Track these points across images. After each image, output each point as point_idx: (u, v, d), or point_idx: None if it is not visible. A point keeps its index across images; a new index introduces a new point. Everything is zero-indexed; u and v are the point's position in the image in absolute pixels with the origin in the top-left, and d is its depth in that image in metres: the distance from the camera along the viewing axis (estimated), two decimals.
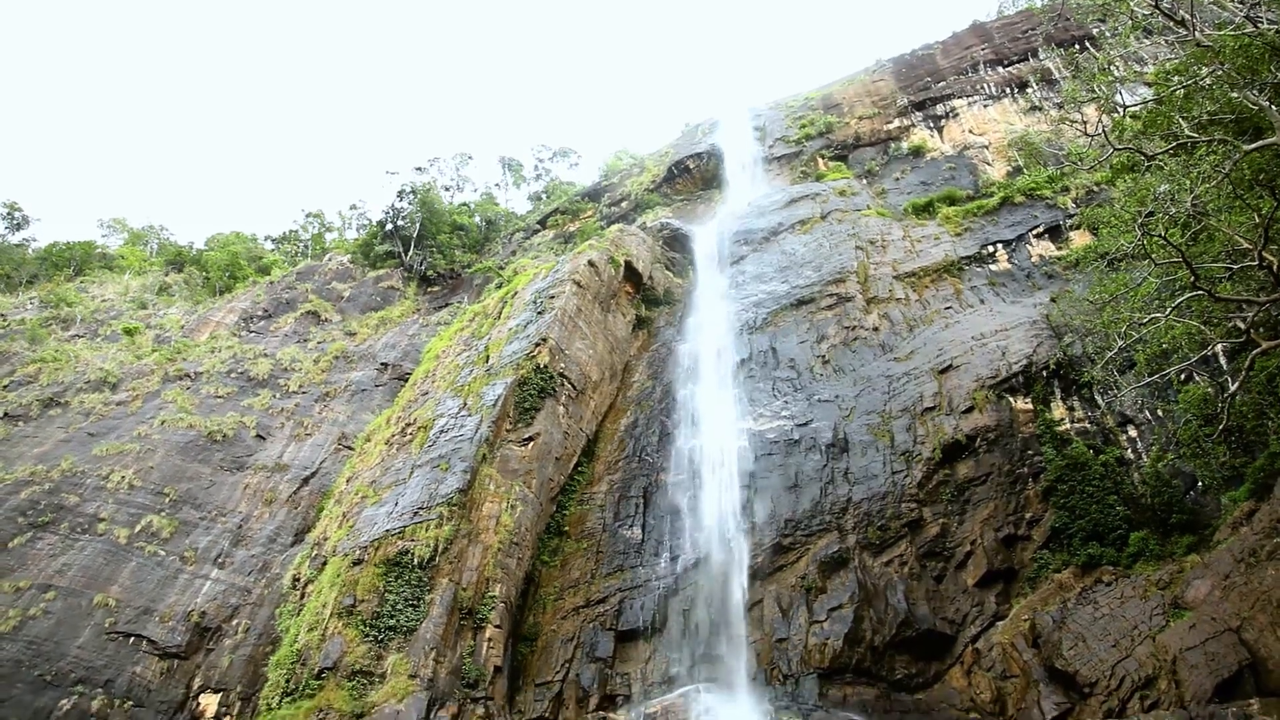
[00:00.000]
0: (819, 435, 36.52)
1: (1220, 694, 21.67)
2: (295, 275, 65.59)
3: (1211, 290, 22.55)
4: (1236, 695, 21.31)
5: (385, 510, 31.80)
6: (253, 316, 56.18)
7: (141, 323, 54.64)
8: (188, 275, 73.62)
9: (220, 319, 55.59)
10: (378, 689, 25.72)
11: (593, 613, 32.34)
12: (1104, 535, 29.94)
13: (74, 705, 28.18)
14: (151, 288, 69.03)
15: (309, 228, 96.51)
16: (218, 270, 73.55)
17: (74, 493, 34.99)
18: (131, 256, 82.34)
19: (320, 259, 74.01)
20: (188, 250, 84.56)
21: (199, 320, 55.63)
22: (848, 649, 29.38)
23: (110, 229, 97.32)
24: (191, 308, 60.95)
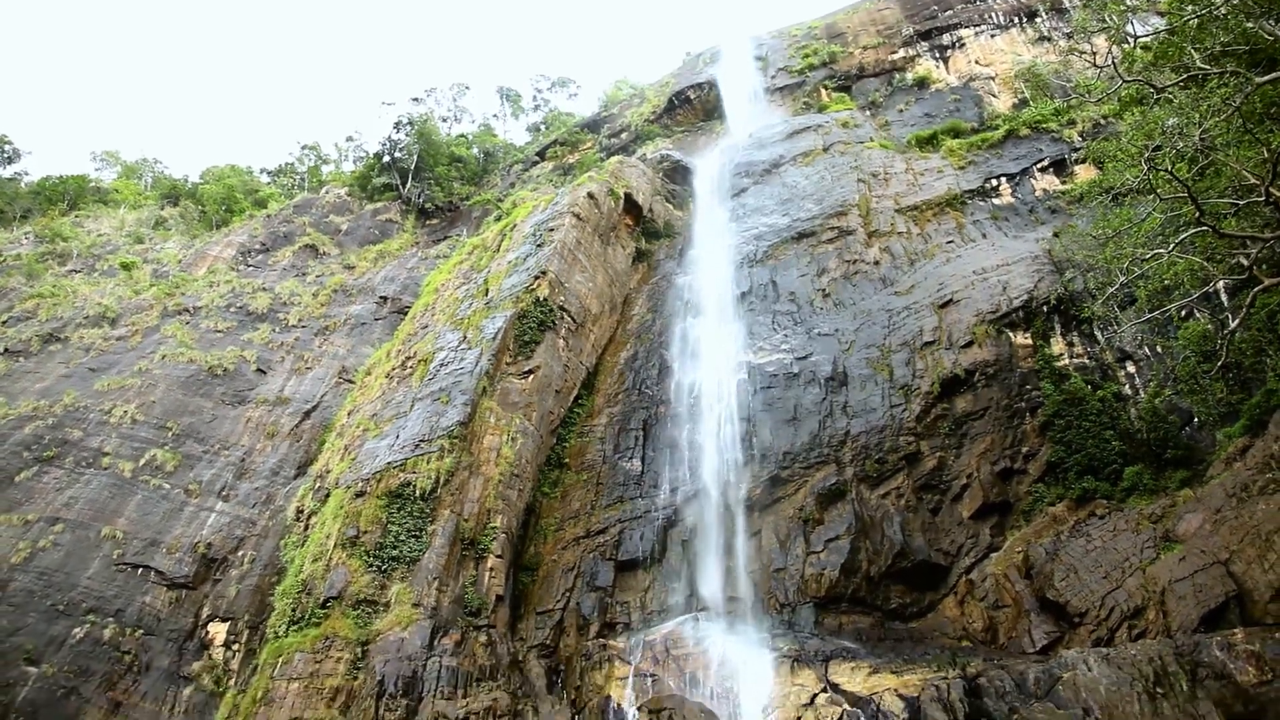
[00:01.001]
0: (818, 369, 36.58)
1: (1206, 624, 22.10)
2: (292, 208, 65.04)
3: (1216, 226, 22.36)
4: (1221, 625, 21.75)
5: (386, 443, 32.02)
6: (250, 250, 55.86)
7: (138, 257, 54.34)
8: (183, 209, 72.98)
9: (218, 253, 55.28)
10: (382, 617, 26.20)
11: (593, 543, 32.77)
12: (1099, 470, 30.20)
13: (86, 634, 28.77)
14: (147, 222, 68.50)
15: (305, 160, 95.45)
16: (214, 204, 72.89)
17: (77, 427, 35.19)
18: (126, 190, 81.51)
19: (317, 192, 73.34)
20: (183, 184, 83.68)
21: (196, 254, 55.31)
22: (844, 579, 29.86)
23: (103, 162, 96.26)
24: (188, 242, 60.57)
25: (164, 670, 28.98)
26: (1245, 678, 19.35)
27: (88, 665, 27.99)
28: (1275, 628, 20.42)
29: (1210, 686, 19.58)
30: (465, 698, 24.27)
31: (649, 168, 57.44)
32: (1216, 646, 20.08)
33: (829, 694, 24.39)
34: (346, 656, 24.80)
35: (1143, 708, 19.96)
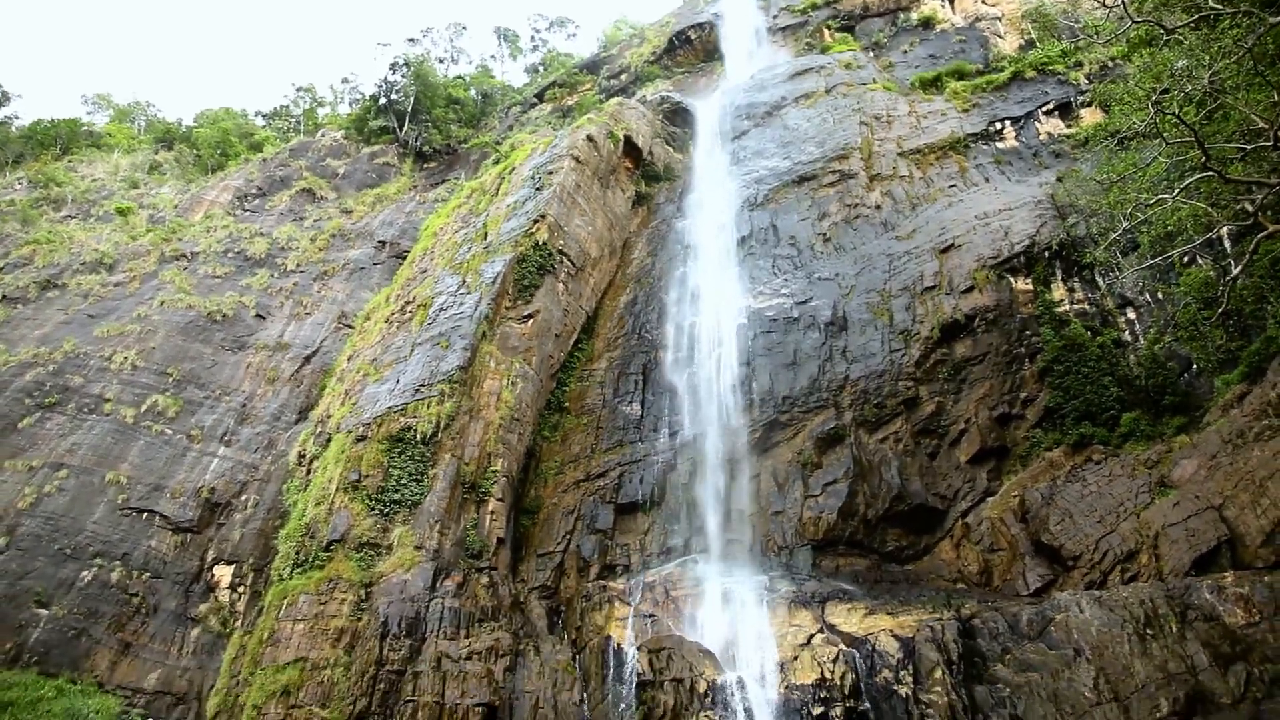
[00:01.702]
0: (818, 313, 36.54)
1: (1197, 567, 22.45)
2: (288, 152, 64.39)
3: (1222, 172, 22.15)
4: (1212, 569, 22.09)
5: (387, 388, 32.11)
6: (247, 195, 55.44)
7: (134, 202, 53.91)
8: (178, 153, 72.21)
9: (214, 198, 54.87)
10: (385, 560, 26.53)
11: (593, 486, 33.04)
12: (1096, 415, 30.34)
13: (94, 577, 29.18)
14: (142, 166, 67.83)
15: (300, 103, 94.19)
16: (209, 148, 72.13)
17: (78, 374, 35.26)
18: (119, 134, 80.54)
19: (313, 135, 72.50)
20: (177, 127, 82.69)
21: (193, 199, 54.89)
22: (841, 522, 30.18)
23: (95, 105, 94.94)
24: (184, 186, 60.05)
25: (171, 612, 29.44)
26: (1233, 619, 19.71)
27: (97, 607, 28.44)
28: (1265, 571, 20.75)
29: (1199, 628, 19.95)
30: (468, 638, 24.68)
31: (649, 110, 56.73)
32: (1207, 589, 20.42)
33: (825, 634, 24.81)
34: (350, 598, 25.17)
35: (1132, 648, 20.35)
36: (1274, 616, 19.28)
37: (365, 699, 22.43)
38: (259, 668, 23.94)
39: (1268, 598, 19.54)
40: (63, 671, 26.38)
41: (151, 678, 27.66)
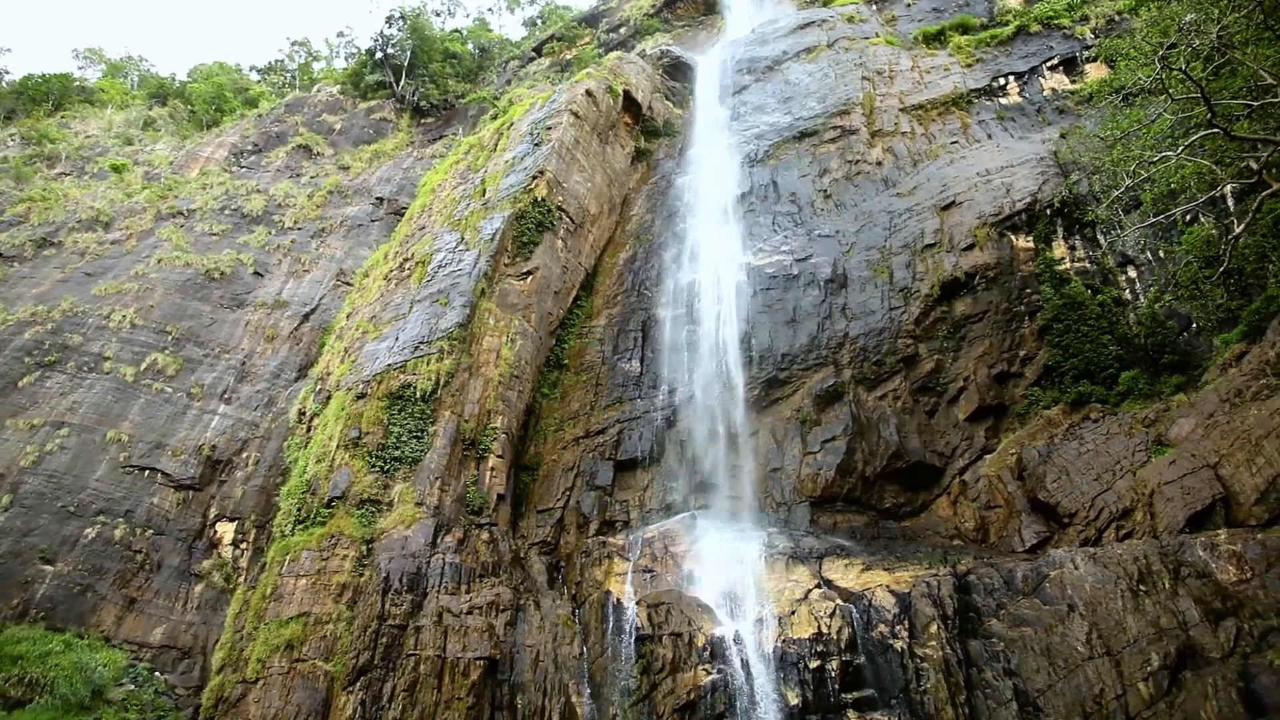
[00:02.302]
0: (818, 270, 36.44)
1: (1191, 525, 22.62)
2: (284, 107, 63.68)
3: (1228, 129, 21.97)
4: (1206, 526, 22.27)
5: (386, 345, 32.10)
6: (243, 151, 54.95)
7: (129, 159, 53.43)
8: (172, 109, 71.38)
9: (210, 154, 54.39)
10: (386, 516, 26.71)
11: (592, 443, 33.15)
12: (1095, 374, 30.39)
13: (98, 534, 29.41)
14: (136, 122, 67.09)
15: (295, 57, 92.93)
16: (203, 103, 71.30)
17: (77, 332, 35.20)
18: (112, 90, 79.54)
19: (309, 90, 71.66)
20: (170, 82, 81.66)
21: (188, 156, 54.41)
22: (839, 479, 30.37)
23: (86, 60, 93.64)
24: (179, 143, 59.49)
25: (175, 568, 29.73)
26: (1225, 576, 19.91)
27: (101, 564, 28.71)
28: (1258, 529, 20.92)
29: (1191, 584, 20.15)
30: (469, 593, 24.93)
31: (648, 64, 56.06)
32: (1200, 547, 20.59)
33: (823, 589, 25.05)
34: (352, 554, 25.40)
35: (1125, 604, 20.58)
36: (1265, 573, 19.48)
37: (368, 652, 22.73)
38: (262, 622, 24.23)
39: (1260, 555, 19.72)
40: (69, 626, 26.70)
41: (157, 632, 28.01)
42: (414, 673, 22.22)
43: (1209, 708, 17.93)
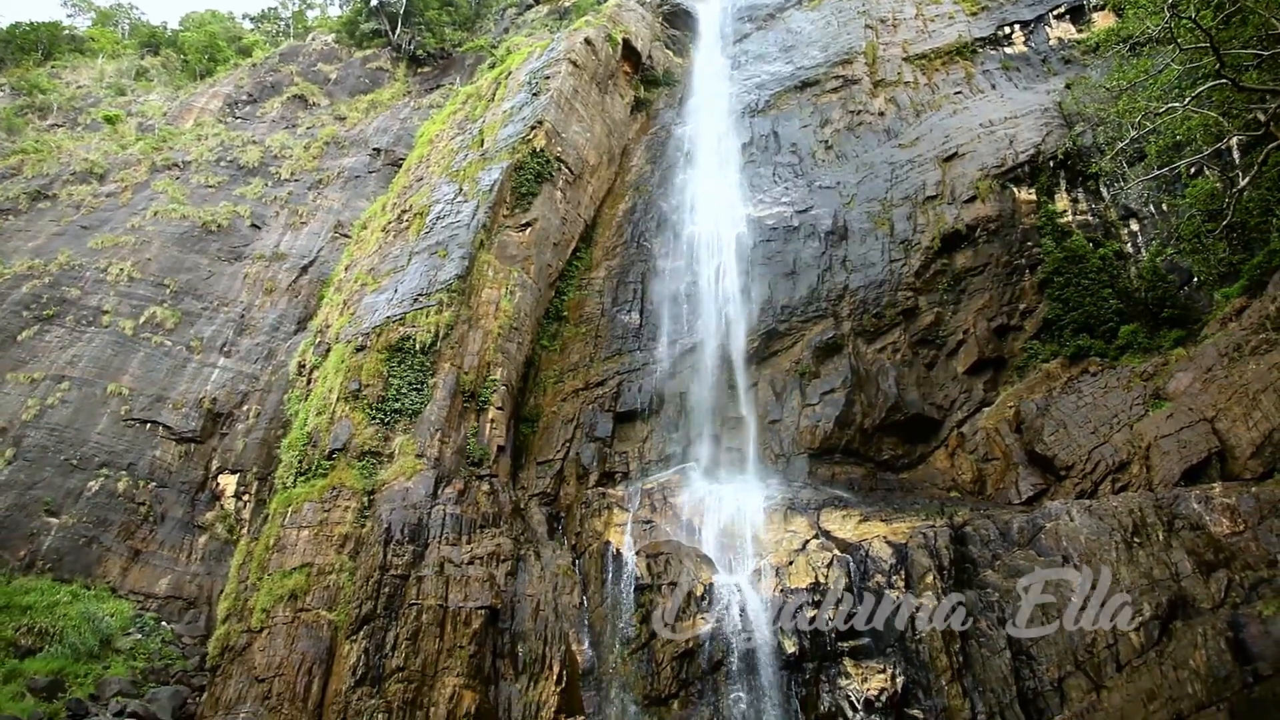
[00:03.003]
0: (819, 222, 36.25)
1: (1187, 478, 22.83)
2: (278, 57, 62.72)
3: (1236, 79, 21.68)
4: (1201, 480, 22.47)
5: (385, 297, 32.01)
6: (237, 101, 54.26)
7: (122, 110, 52.73)
8: (165, 59, 70.25)
9: (204, 104, 53.71)
10: (387, 468, 26.85)
11: (592, 395, 33.21)
12: (1094, 328, 30.39)
13: (101, 486, 29.59)
14: (128, 72, 66.08)
15: (289, 4, 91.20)
16: (196, 53, 70.20)
17: (75, 286, 35.05)
18: (103, 39, 78.24)
19: (303, 39, 70.50)
20: (162, 31, 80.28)
21: (181, 106, 53.72)
22: (838, 431, 30.53)
23: (75, 8, 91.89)
24: (172, 93, 58.68)
25: (179, 520, 29.97)
26: (1218, 529, 20.13)
27: (105, 516, 28.93)
28: (1252, 482, 21.10)
29: (1185, 536, 20.37)
30: (470, 543, 25.15)
31: (648, 11, 55.16)
32: (1194, 499, 20.79)
33: (820, 540, 25.31)
34: (354, 505, 25.57)
35: (1119, 555, 20.81)
36: (1258, 526, 19.69)
37: (370, 602, 23.01)
38: (266, 573, 24.49)
39: (1253, 508, 19.91)
40: (76, 578, 27.00)
41: (162, 583, 28.33)
42: (416, 622, 22.51)
43: (1198, 656, 18.20)
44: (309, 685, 21.70)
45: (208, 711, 22.33)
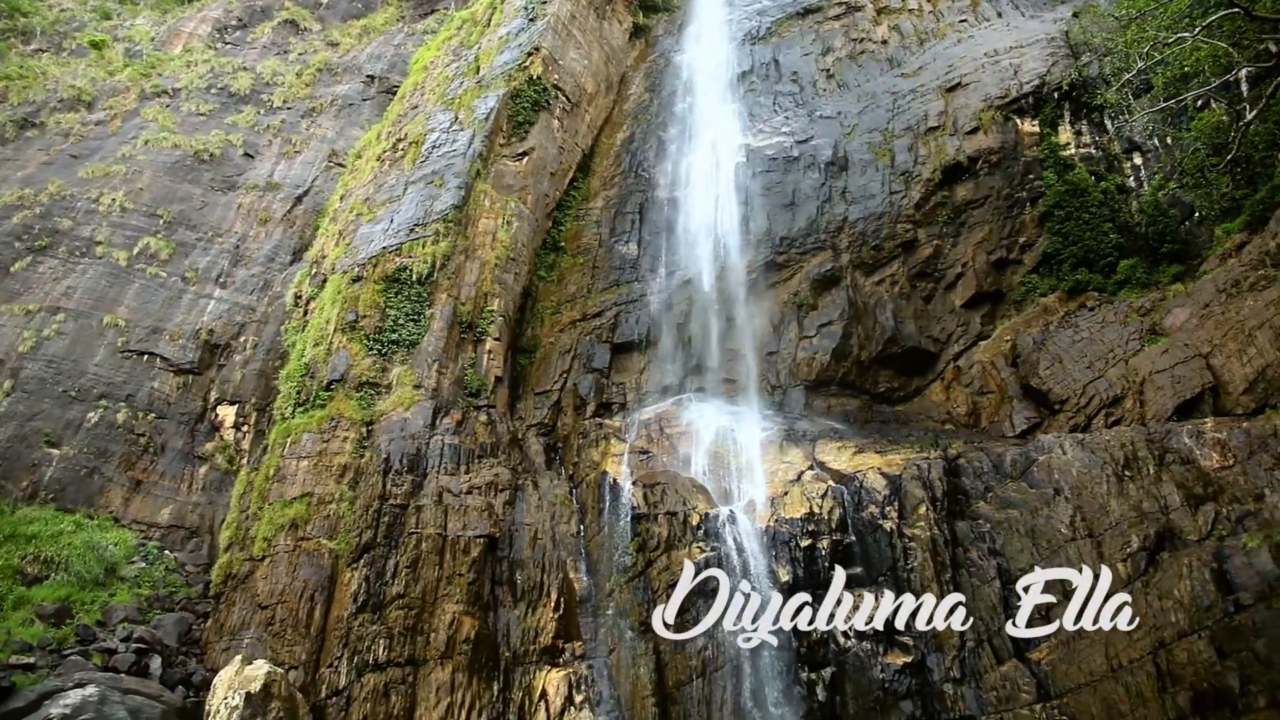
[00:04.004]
0: (819, 153, 35.83)
1: (1179, 413, 23.03)
2: None
3: (1249, 8, 21.20)
4: (1194, 415, 22.67)
5: (381, 228, 31.76)
6: (227, 26, 52.92)
7: (108, 35, 51.35)
8: None
9: (192, 29, 52.38)
10: (385, 399, 26.98)
11: (589, 326, 33.20)
12: (1094, 262, 30.29)
13: (101, 418, 29.65)
14: None
15: None
16: None
17: (66, 216, 34.62)
18: None
19: None
20: None
21: (169, 31, 52.41)
22: (834, 363, 30.66)
23: None
24: (159, 18, 57.12)
25: (179, 451, 30.12)
26: (1208, 463, 20.37)
27: (105, 447, 29.06)
28: (1244, 418, 21.29)
29: (1175, 470, 20.61)
30: (468, 473, 25.39)
31: None
32: (1186, 434, 20.99)
33: (815, 471, 25.62)
34: (352, 436, 25.75)
35: (1110, 488, 21.08)
36: (1247, 460, 19.92)
37: (370, 531, 23.32)
38: (267, 503, 24.78)
39: (1243, 443, 20.13)
40: (78, 508, 27.23)
41: (164, 513, 28.63)
42: (416, 550, 22.85)
43: (1182, 586, 18.58)
44: (311, 612, 22.12)
45: (212, 637, 22.83)
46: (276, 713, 17.05)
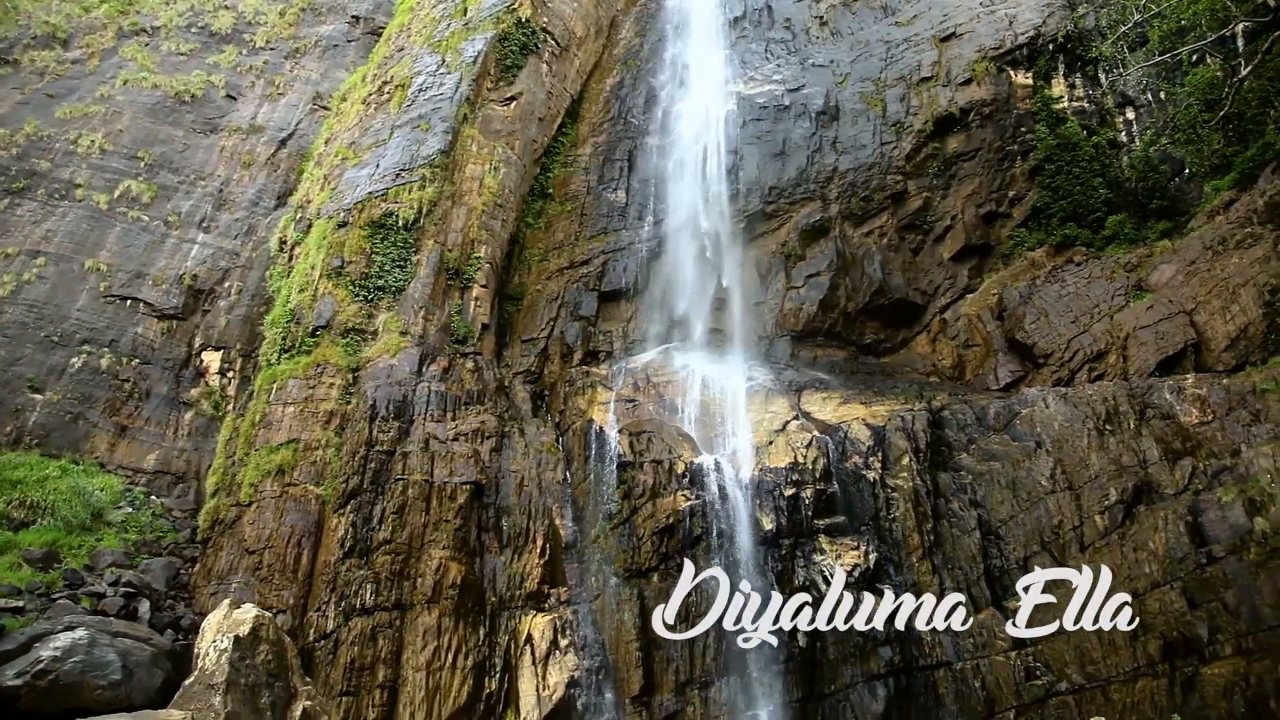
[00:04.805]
0: (810, 102, 35.50)
1: (1161, 369, 23.37)
2: None
3: None
4: (1176, 371, 23.00)
5: (366, 172, 31.38)
6: None
7: None
8: None
9: None
10: (371, 345, 26.90)
11: (576, 274, 33.10)
12: (1082, 217, 30.34)
13: (84, 363, 29.39)
14: None
15: None
16: None
17: (44, 158, 33.89)
18: None
19: None
20: None
21: None
22: (821, 314, 30.73)
23: None
24: None
25: (164, 397, 29.93)
26: (1188, 418, 20.72)
27: (90, 393, 28.85)
28: (1224, 375, 21.61)
29: (1155, 425, 20.93)
30: (454, 420, 25.44)
31: None
32: (1167, 389, 21.30)
33: (800, 421, 25.82)
34: (339, 382, 25.70)
35: (1091, 442, 21.40)
36: (1226, 416, 20.27)
37: (357, 477, 23.41)
38: (253, 449, 24.79)
39: (1223, 399, 20.47)
40: (64, 453, 27.10)
41: (150, 458, 28.53)
42: (402, 496, 22.98)
43: (1157, 539, 18.99)
44: (299, 557, 22.29)
45: (200, 582, 23.01)
46: (265, 655, 17.23)
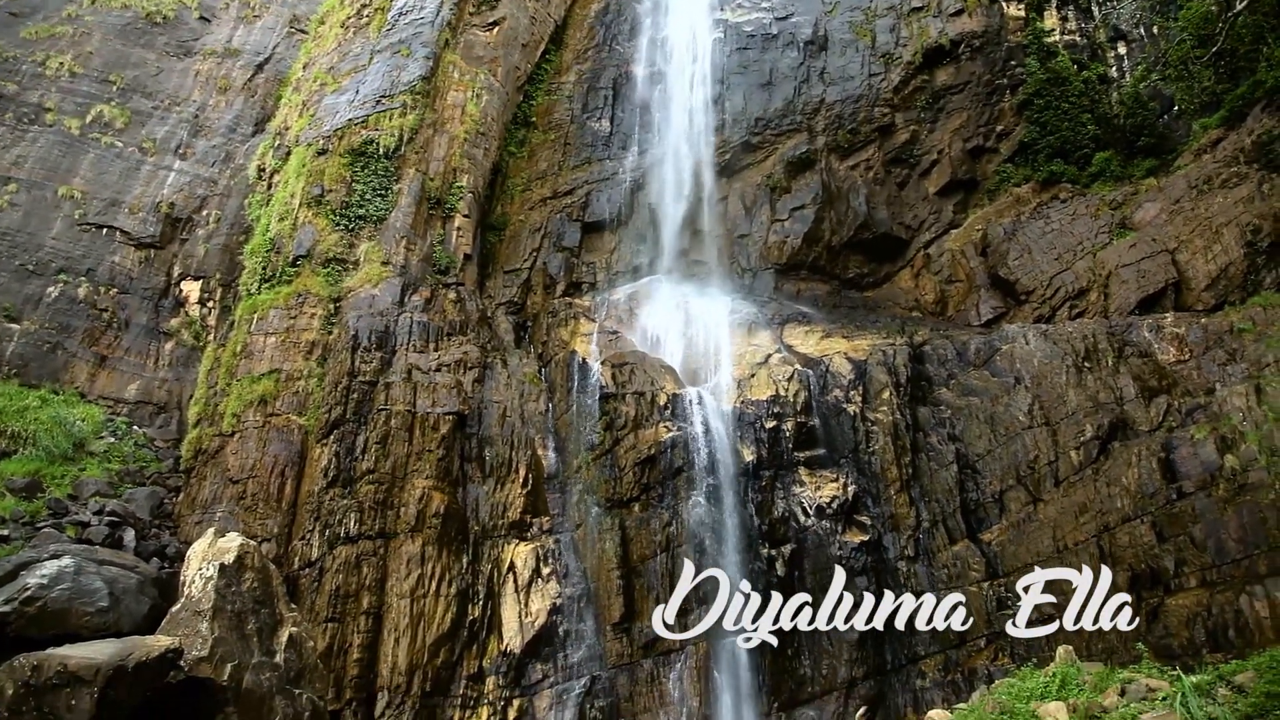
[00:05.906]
0: (798, 31, 34.90)
1: (1142, 307, 23.57)
2: None
3: None
4: (1156, 309, 23.18)
5: (346, 99, 30.74)
6: None
7: None
8: None
9: None
10: (352, 275, 26.68)
11: (560, 204, 32.81)
12: (1069, 153, 30.23)
13: (61, 292, 28.98)
14: None
15: None
16: None
17: (10, 80, 32.81)
18: None
19: None
20: None
21: None
22: (805, 247, 30.68)
23: None
24: None
25: (143, 327, 29.63)
26: (1165, 357, 20.97)
27: (68, 322, 28.52)
28: (1203, 314, 21.83)
29: (1133, 363, 21.17)
30: (437, 350, 25.38)
31: None
32: (1146, 328, 21.51)
33: (782, 354, 25.96)
34: (320, 312, 25.53)
35: (1069, 379, 21.64)
36: (1202, 356, 20.54)
37: (340, 407, 23.42)
38: (235, 379, 24.71)
39: (1200, 338, 20.70)
40: (43, 384, 26.86)
41: (131, 388, 28.37)
42: (385, 426, 23.02)
43: (1130, 474, 19.36)
44: (282, 486, 22.40)
45: (184, 511, 23.12)
46: (250, 583, 17.39)
